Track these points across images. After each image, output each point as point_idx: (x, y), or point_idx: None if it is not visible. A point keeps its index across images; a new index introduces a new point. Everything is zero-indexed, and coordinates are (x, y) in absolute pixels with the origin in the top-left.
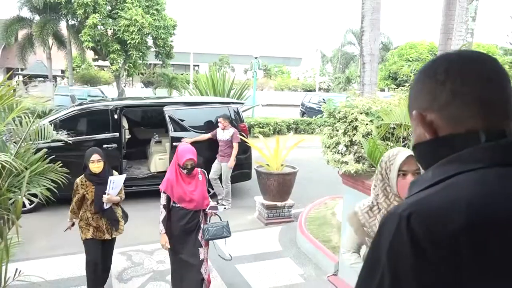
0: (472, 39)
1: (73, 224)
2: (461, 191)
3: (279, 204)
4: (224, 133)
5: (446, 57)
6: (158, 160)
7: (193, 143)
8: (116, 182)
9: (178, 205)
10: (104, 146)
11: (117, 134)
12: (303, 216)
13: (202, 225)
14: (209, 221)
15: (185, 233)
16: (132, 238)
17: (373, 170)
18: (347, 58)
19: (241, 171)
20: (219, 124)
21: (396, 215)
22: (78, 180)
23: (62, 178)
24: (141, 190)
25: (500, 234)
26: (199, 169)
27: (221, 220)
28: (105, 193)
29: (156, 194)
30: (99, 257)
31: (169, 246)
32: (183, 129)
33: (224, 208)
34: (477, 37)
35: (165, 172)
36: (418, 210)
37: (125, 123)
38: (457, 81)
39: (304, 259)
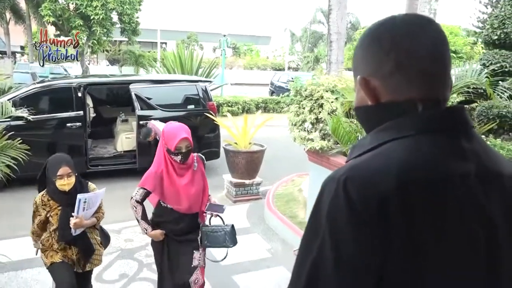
0: (435, 19)
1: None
2: (392, 155)
3: (247, 181)
4: None
5: (391, 23)
6: (124, 139)
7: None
8: (89, 202)
9: (170, 206)
10: (68, 125)
11: (81, 112)
12: (271, 193)
13: (201, 227)
14: (209, 223)
15: (181, 234)
16: None
17: (338, 147)
18: (316, 37)
19: (210, 149)
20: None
21: (334, 180)
22: (37, 199)
23: (22, 156)
24: (108, 170)
25: (427, 196)
26: (194, 154)
27: (224, 223)
28: (72, 216)
29: (123, 173)
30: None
31: (162, 237)
32: (150, 107)
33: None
34: (441, 17)
35: (132, 151)
36: (354, 174)
37: (89, 101)
38: (402, 53)
39: (272, 235)
